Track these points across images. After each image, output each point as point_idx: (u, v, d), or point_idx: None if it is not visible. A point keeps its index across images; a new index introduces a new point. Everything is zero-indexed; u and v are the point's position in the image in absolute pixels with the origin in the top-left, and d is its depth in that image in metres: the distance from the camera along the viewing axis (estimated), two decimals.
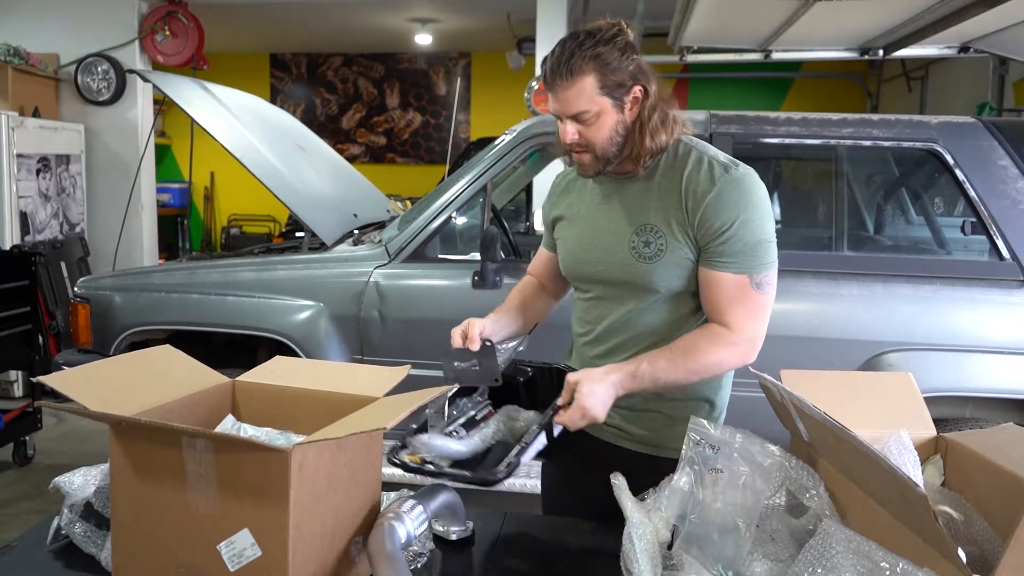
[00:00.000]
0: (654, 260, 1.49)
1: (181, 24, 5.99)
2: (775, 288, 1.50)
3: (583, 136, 1.48)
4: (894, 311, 2.66)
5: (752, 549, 1.12)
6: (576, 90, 1.44)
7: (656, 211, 1.50)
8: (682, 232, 1.47)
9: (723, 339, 1.46)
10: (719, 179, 1.45)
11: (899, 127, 2.79)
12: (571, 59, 1.43)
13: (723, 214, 1.44)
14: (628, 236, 1.51)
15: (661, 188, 1.50)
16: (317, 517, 1.03)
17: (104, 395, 1.10)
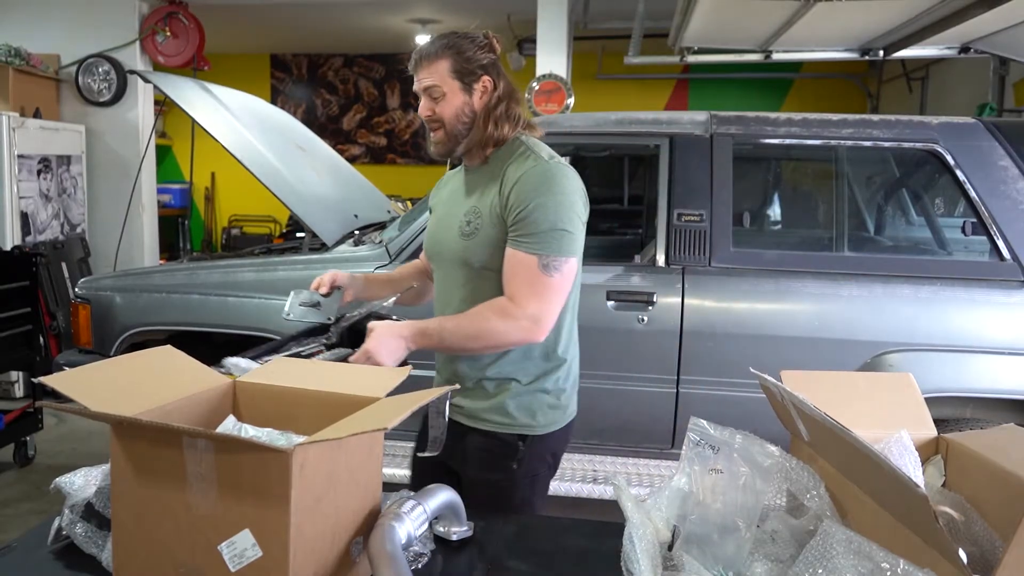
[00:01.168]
0: (470, 237, 1.67)
1: (182, 25, 6.00)
2: (568, 278, 1.63)
3: (435, 112, 1.67)
4: (894, 312, 2.66)
5: (753, 549, 1.12)
6: (431, 69, 1.66)
7: (481, 195, 1.69)
8: (496, 213, 1.64)
9: (506, 311, 1.59)
10: (529, 166, 1.63)
11: (899, 128, 2.79)
12: (433, 45, 1.68)
13: (524, 196, 1.60)
14: (459, 217, 1.71)
15: (490, 175, 1.69)
16: (318, 518, 1.03)
17: (105, 395, 1.10)
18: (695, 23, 4.25)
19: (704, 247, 2.80)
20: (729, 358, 2.71)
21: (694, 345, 2.74)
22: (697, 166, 2.85)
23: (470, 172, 1.77)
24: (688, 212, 2.82)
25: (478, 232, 1.66)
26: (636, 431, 2.87)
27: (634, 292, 2.80)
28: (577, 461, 2.93)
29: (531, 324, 1.59)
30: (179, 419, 1.15)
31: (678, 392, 2.78)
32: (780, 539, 1.14)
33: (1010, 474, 1.15)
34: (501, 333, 1.60)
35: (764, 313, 2.73)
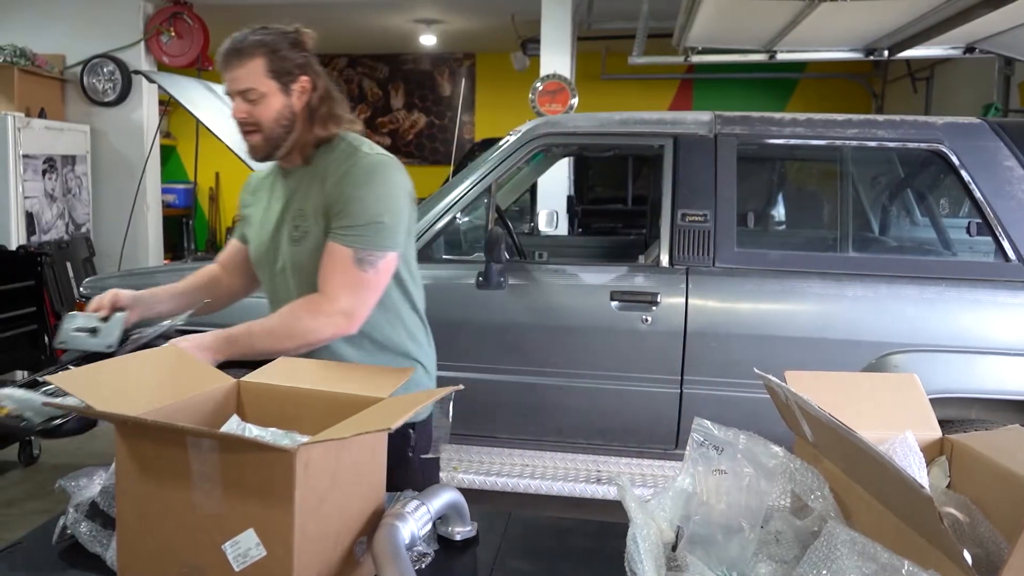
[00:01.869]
0: (300, 243, 1.63)
1: (186, 25, 6.01)
2: (385, 273, 1.61)
3: (251, 115, 1.60)
4: (899, 312, 2.65)
5: (757, 550, 1.11)
6: (245, 70, 1.58)
7: (305, 197, 1.64)
8: (321, 213, 1.60)
9: (318, 308, 1.57)
10: (352, 161, 1.60)
11: (904, 128, 2.79)
12: (244, 41, 1.60)
13: (345, 189, 1.57)
14: (287, 223, 1.65)
15: (315, 176, 1.64)
16: (322, 517, 1.03)
17: (109, 395, 1.10)
18: (699, 23, 4.24)
19: (708, 247, 2.80)
20: (733, 358, 2.71)
21: (698, 345, 2.74)
22: (701, 166, 2.85)
23: (289, 173, 1.70)
24: (692, 212, 2.82)
25: (307, 235, 1.62)
26: (640, 431, 2.87)
27: (638, 292, 2.79)
28: (581, 461, 2.93)
29: (343, 319, 1.57)
30: (183, 419, 1.15)
31: (682, 392, 2.78)
32: (784, 540, 1.14)
33: (1015, 475, 1.15)
34: (313, 331, 1.57)
35: (768, 313, 2.73)
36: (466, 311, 2.87)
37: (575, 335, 2.81)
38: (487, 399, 2.88)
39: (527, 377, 2.85)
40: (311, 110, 1.64)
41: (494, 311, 2.84)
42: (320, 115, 1.64)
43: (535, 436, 2.94)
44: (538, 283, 2.88)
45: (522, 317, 2.84)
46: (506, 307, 2.84)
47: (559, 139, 3.11)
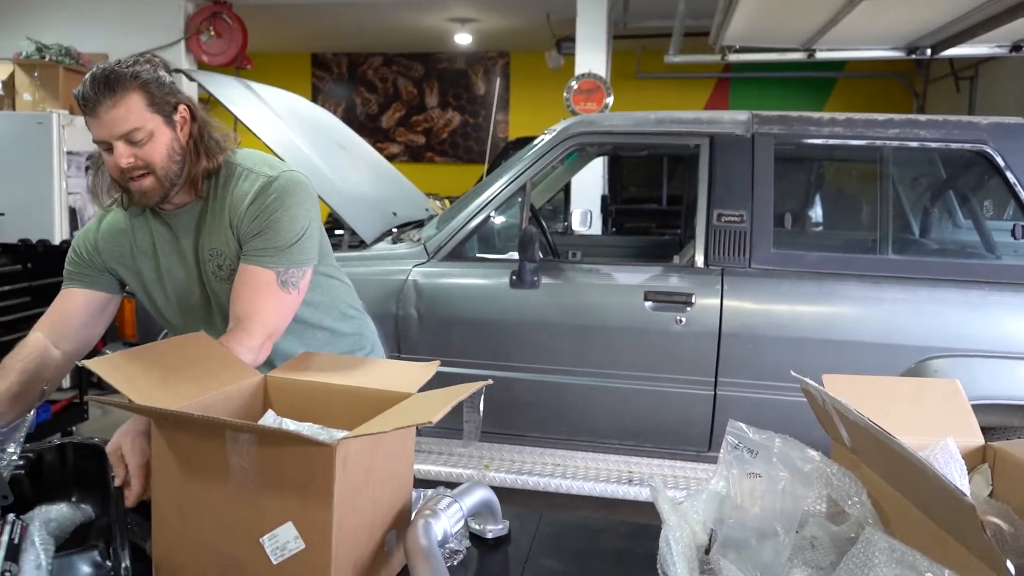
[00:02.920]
0: (229, 280, 1.52)
1: (226, 25, 6.10)
2: (303, 291, 1.55)
3: (139, 158, 1.44)
4: (940, 316, 2.60)
5: (791, 556, 1.10)
6: (124, 108, 1.40)
7: (216, 233, 1.53)
8: (234, 245, 1.52)
9: (243, 343, 1.43)
10: (255, 186, 1.51)
11: (947, 128, 2.74)
12: (111, 77, 1.40)
13: (257, 214, 1.49)
14: (204, 263, 1.55)
15: (217, 210, 1.53)
16: (357, 510, 1.04)
17: (145, 387, 1.12)
18: (737, 21, 4.20)
19: (744, 248, 2.77)
20: (769, 361, 2.68)
21: (733, 347, 2.72)
22: (738, 166, 2.82)
23: (178, 212, 1.56)
24: (728, 212, 2.79)
25: (233, 268, 1.53)
26: (673, 433, 2.85)
27: (672, 293, 2.78)
28: (613, 462, 2.91)
29: (268, 344, 1.48)
30: (217, 413, 1.17)
31: (716, 394, 2.76)
32: (820, 546, 1.12)
33: None
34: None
35: (805, 316, 2.69)
36: (499, 310, 2.87)
37: (608, 335, 2.80)
38: (520, 398, 2.88)
39: (560, 377, 2.85)
40: (195, 141, 1.51)
41: (527, 310, 2.84)
42: (205, 145, 1.52)
43: (567, 436, 2.93)
44: (572, 282, 2.87)
45: (555, 316, 2.84)
46: (539, 306, 2.84)
47: (594, 138, 3.10)
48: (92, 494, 1.22)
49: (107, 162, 1.46)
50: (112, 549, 1.09)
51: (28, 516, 1.12)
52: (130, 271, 1.61)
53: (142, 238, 1.60)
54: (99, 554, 1.08)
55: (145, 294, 1.63)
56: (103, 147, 1.45)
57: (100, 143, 1.45)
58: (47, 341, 1.54)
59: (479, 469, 2.85)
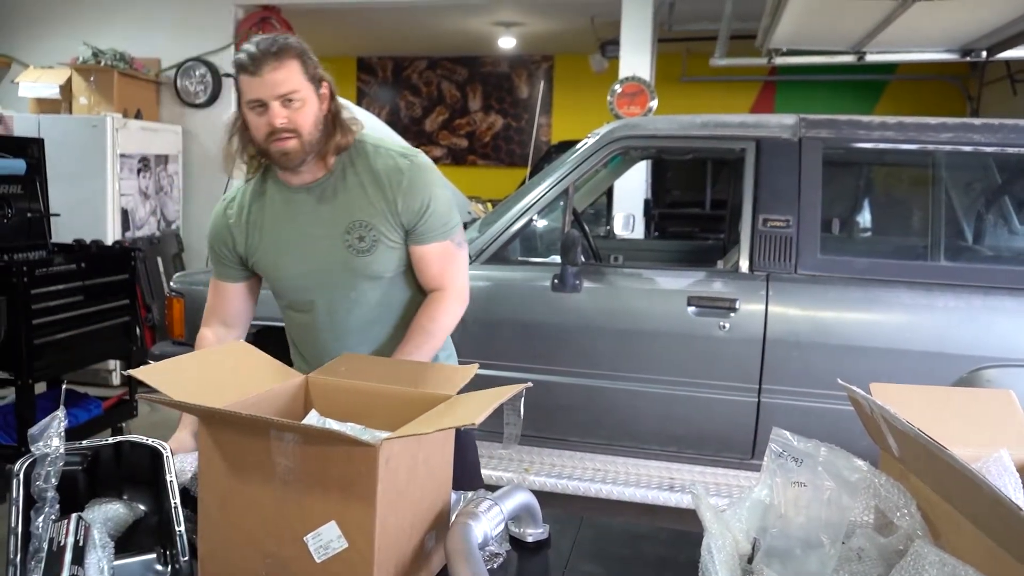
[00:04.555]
0: (370, 252, 1.62)
1: (275, 29, 6.19)
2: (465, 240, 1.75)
3: (291, 120, 1.54)
4: (993, 324, 2.53)
5: (837, 567, 1.08)
6: (285, 72, 1.51)
7: (361, 207, 1.62)
8: (389, 219, 1.62)
9: (452, 301, 1.68)
10: (404, 166, 1.63)
11: (1003, 132, 2.66)
12: (277, 42, 1.52)
13: (419, 196, 1.62)
14: (341, 236, 1.62)
15: (359, 184, 1.63)
16: (399, 511, 1.05)
17: (190, 388, 1.14)
18: (785, 24, 4.14)
19: (790, 253, 2.73)
20: (814, 368, 2.63)
21: (778, 354, 2.68)
22: (784, 170, 2.78)
23: (310, 186, 1.65)
24: (774, 217, 2.76)
25: (377, 244, 1.62)
26: (715, 440, 2.82)
27: (716, 298, 2.75)
28: (654, 468, 2.89)
29: (464, 295, 1.71)
30: (261, 413, 1.19)
31: (759, 401, 2.72)
32: (867, 558, 1.10)
33: None
34: (453, 320, 1.69)
35: (852, 323, 2.64)
36: (541, 313, 2.87)
37: (650, 340, 2.78)
38: (561, 401, 2.87)
39: (601, 381, 2.83)
40: (333, 116, 1.62)
41: (569, 314, 2.84)
42: (341, 121, 1.63)
43: (608, 440, 2.92)
44: (614, 286, 2.86)
45: (597, 320, 2.82)
46: (581, 310, 2.83)
47: (638, 142, 3.08)
48: (143, 491, 1.24)
49: (254, 123, 1.56)
50: (171, 554, 1.11)
51: (89, 517, 1.15)
52: (261, 249, 1.70)
53: (273, 214, 1.68)
54: (158, 560, 1.11)
55: (275, 270, 1.70)
56: (255, 107, 1.54)
57: (254, 103, 1.54)
58: (220, 332, 1.76)
59: (519, 472, 2.85)
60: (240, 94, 1.56)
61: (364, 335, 1.70)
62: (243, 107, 1.57)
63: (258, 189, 1.71)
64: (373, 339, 1.71)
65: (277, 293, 1.75)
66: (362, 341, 1.70)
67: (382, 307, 1.69)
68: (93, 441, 1.27)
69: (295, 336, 1.81)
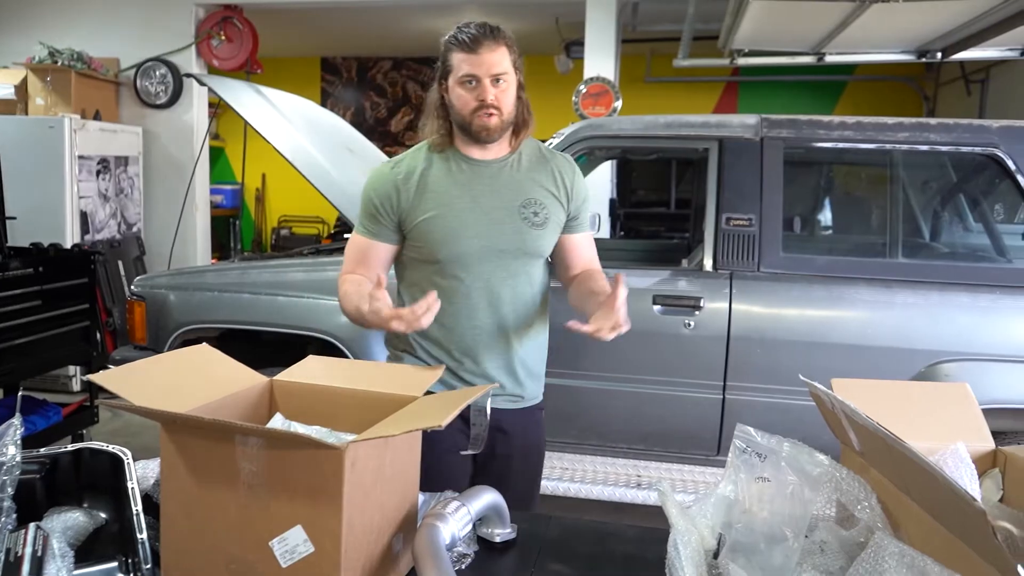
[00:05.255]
0: (542, 227, 1.75)
1: (236, 29, 6.12)
2: None
3: (498, 98, 1.68)
4: (951, 320, 2.59)
5: (800, 560, 1.10)
6: (500, 53, 1.66)
7: (535, 185, 1.77)
8: (558, 202, 1.78)
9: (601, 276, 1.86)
10: (571, 164, 1.85)
11: (958, 132, 2.72)
12: (494, 27, 1.68)
13: (582, 188, 1.84)
14: (517, 209, 1.74)
15: (533, 169, 1.79)
16: (366, 513, 1.05)
17: (151, 393, 1.12)
18: (746, 25, 4.20)
19: (753, 252, 2.76)
20: (777, 365, 2.67)
21: (742, 351, 2.71)
22: (747, 170, 2.81)
23: (488, 165, 1.77)
24: (737, 216, 2.79)
25: (548, 220, 1.76)
26: (681, 437, 2.85)
27: (681, 297, 2.77)
28: (621, 466, 2.91)
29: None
30: (225, 417, 1.17)
31: (724, 398, 2.75)
32: (829, 550, 1.12)
33: None
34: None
35: (814, 320, 2.69)
36: None
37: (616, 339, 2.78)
38: None
39: (568, 380, 2.84)
40: (524, 104, 1.76)
41: None
42: (528, 110, 1.77)
43: (575, 439, 2.93)
44: None
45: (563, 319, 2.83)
46: None
47: (603, 142, 3.10)
48: (104, 499, 1.22)
49: (463, 97, 1.68)
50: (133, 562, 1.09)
51: (48, 526, 1.13)
52: (429, 212, 1.72)
53: (448, 180, 1.75)
54: (119, 568, 1.08)
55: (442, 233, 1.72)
56: (467, 82, 1.67)
57: (468, 78, 1.66)
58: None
59: None
60: (450, 69, 1.68)
61: (511, 308, 1.77)
62: (451, 81, 1.69)
63: (433, 155, 1.78)
64: (515, 316, 1.79)
65: (432, 257, 1.74)
66: (508, 315, 1.77)
67: (529, 287, 1.79)
68: (51, 448, 1.24)
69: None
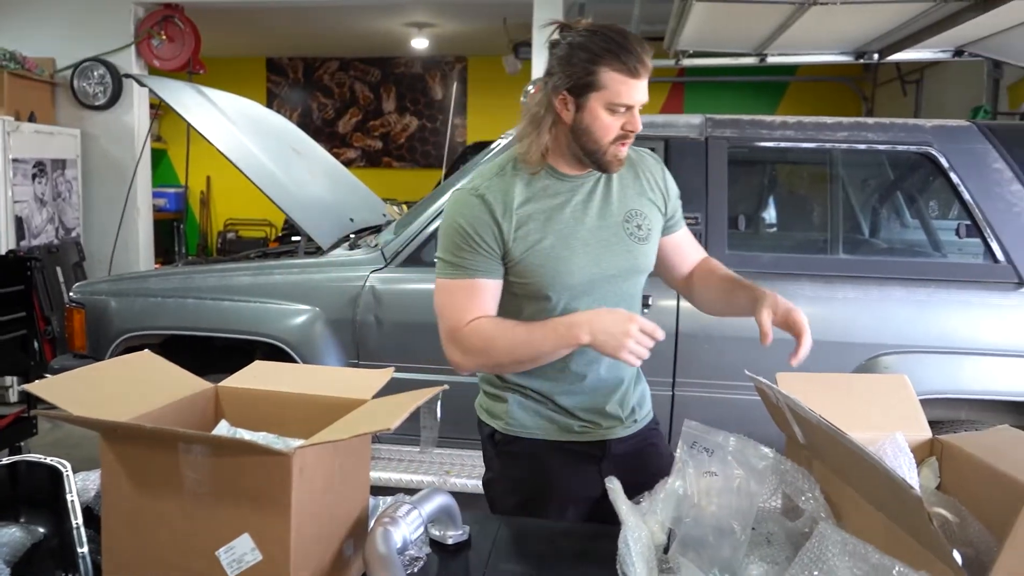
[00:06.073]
0: (647, 240, 1.60)
1: (177, 29, 6.00)
2: None
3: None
4: (890, 314, 2.67)
5: (748, 552, 1.12)
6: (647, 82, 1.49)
7: (633, 197, 1.61)
8: (658, 209, 1.64)
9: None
10: (658, 161, 1.69)
11: (894, 131, 2.80)
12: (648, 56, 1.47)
13: (674, 187, 1.69)
14: (621, 224, 1.58)
15: (622, 176, 1.61)
16: (315, 519, 1.03)
17: (91, 402, 1.09)
18: (690, 27, 4.26)
19: None
20: (724, 361, 2.71)
21: (689, 348, 2.75)
22: (692, 169, 2.85)
23: (584, 180, 1.56)
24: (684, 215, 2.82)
25: (652, 232, 1.62)
26: None
27: None
28: None
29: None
30: (169, 425, 1.15)
31: (673, 395, 2.79)
32: (776, 541, 1.14)
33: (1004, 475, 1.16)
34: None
35: None
36: None
37: None
38: None
39: None
40: None
41: None
42: None
43: None
44: None
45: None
46: None
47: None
48: (43, 513, 1.18)
49: (606, 123, 1.46)
50: None
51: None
52: (535, 239, 1.51)
53: (548, 203, 1.54)
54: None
55: (553, 262, 1.52)
56: (618, 108, 1.46)
57: (621, 105, 1.46)
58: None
59: (440, 475, 2.84)
60: (596, 87, 1.44)
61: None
62: (594, 101, 1.45)
63: (521, 174, 1.54)
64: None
65: (540, 292, 1.55)
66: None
67: (634, 308, 1.63)
68: None
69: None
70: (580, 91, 1.45)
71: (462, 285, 1.53)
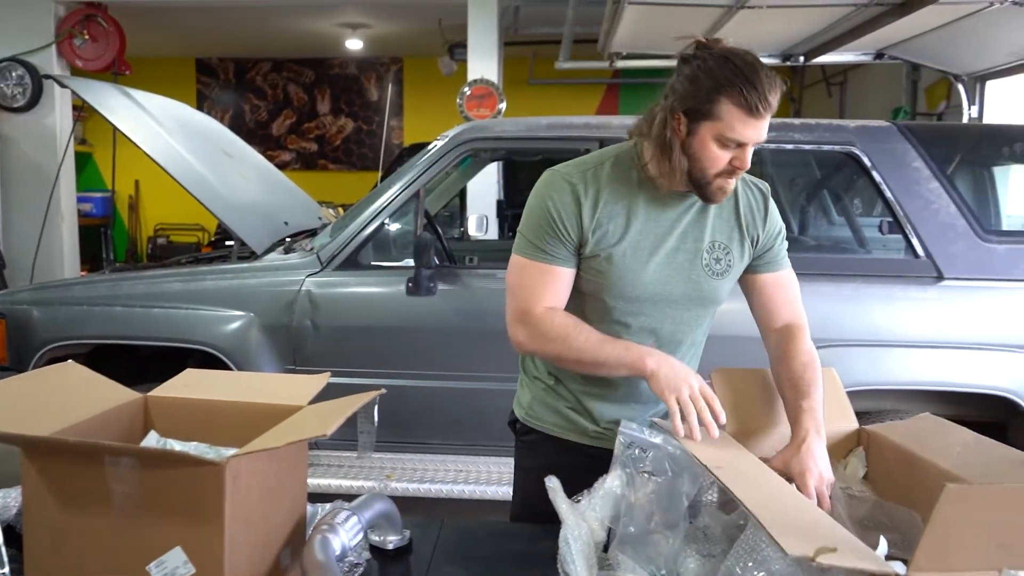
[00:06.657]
0: (723, 276, 1.52)
1: (101, 28, 5.81)
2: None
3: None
4: (817, 309, 2.73)
5: (685, 546, 1.14)
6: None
7: (720, 229, 1.52)
8: (744, 245, 1.53)
9: (808, 337, 1.56)
10: (765, 194, 1.57)
11: (819, 131, 2.88)
12: (774, 94, 1.39)
13: (777, 222, 1.56)
14: (701, 254, 1.50)
15: (725, 206, 1.52)
16: (250, 529, 1.01)
17: (12, 416, 1.05)
18: (622, 30, 4.32)
19: None
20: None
21: None
22: None
23: (679, 200, 1.49)
24: None
25: (730, 270, 1.53)
26: None
27: None
28: (505, 465, 2.93)
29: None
30: (95, 438, 1.11)
31: None
32: (711, 535, 1.17)
33: (927, 461, 1.21)
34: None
35: None
36: (396, 318, 2.85)
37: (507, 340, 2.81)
38: (420, 406, 2.86)
39: (460, 383, 2.84)
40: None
41: (425, 317, 2.83)
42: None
43: (468, 441, 2.93)
44: (469, 288, 2.87)
45: (453, 322, 2.83)
46: (437, 313, 2.83)
47: (487, 144, 3.11)
48: None
49: (714, 155, 1.39)
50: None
51: None
52: (611, 242, 1.47)
53: (635, 211, 1.48)
54: None
55: (622, 272, 1.47)
56: (730, 143, 1.38)
57: (728, 140, 1.38)
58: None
59: (381, 480, 2.82)
60: (711, 116, 1.37)
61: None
62: (706, 131, 1.39)
63: (622, 176, 1.50)
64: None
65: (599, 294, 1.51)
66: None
67: (695, 337, 1.59)
68: None
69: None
70: (695, 116, 1.39)
71: (540, 268, 1.50)
